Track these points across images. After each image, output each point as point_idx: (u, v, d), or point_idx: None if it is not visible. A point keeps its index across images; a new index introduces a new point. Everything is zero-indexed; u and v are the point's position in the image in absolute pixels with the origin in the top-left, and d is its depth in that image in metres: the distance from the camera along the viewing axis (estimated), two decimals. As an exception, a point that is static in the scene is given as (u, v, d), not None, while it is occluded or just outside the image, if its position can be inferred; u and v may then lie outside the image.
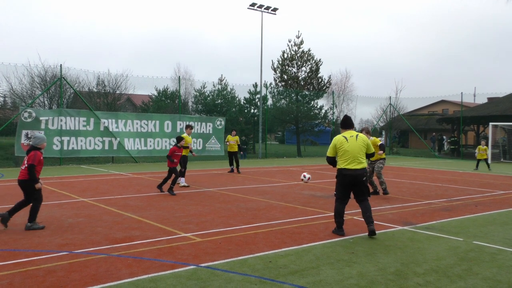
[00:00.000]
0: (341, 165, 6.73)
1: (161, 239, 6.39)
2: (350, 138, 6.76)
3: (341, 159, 6.72)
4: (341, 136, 6.84)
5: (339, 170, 6.76)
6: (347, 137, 6.77)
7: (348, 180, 6.69)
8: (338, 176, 6.83)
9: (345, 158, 6.68)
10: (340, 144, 6.75)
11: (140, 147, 21.59)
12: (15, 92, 25.92)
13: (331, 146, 6.87)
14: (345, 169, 6.66)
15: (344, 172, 6.68)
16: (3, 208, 8.79)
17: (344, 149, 6.68)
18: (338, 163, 6.78)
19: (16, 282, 4.52)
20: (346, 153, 6.67)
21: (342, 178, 6.74)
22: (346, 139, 6.75)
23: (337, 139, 6.82)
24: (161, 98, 34.18)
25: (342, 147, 6.71)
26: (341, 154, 6.73)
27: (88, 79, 27.09)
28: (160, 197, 10.41)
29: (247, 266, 5.18)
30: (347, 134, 6.83)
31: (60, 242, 6.15)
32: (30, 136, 7.23)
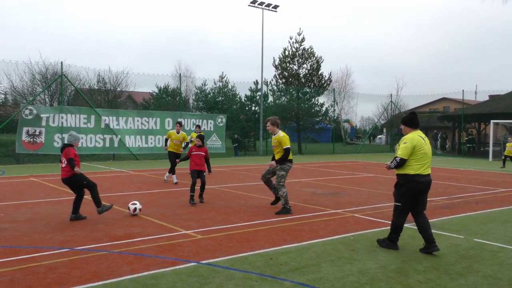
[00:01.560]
0: (416, 170, 5.67)
1: (162, 236, 6.40)
2: (426, 140, 5.87)
3: (418, 163, 5.68)
4: (416, 135, 5.81)
5: (411, 177, 5.68)
6: (423, 137, 5.85)
7: (420, 188, 5.73)
8: (409, 184, 5.72)
9: (422, 162, 5.70)
10: (420, 145, 5.71)
11: (141, 145, 21.59)
12: (16, 89, 25.93)
13: (407, 147, 5.69)
14: (420, 175, 5.67)
15: (419, 179, 5.67)
16: (5, 205, 8.81)
17: (424, 152, 5.70)
18: (411, 168, 5.69)
19: (17, 279, 4.53)
20: (425, 156, 5.71)
21: (415, 186, 5.70)
22: (424, 139, 5.82)
23: (415, 139, 5.75)
24: (162, 96, 34.15)
25: (422, 149, 5.70)
26: (419, 157, 5.68)
27: (88, 77, 27.17)
28: (160, 195, 10.42)
29: (248, 263, 5.18)
30: (420, 134, 5.90)
31: (61, 239, 6.16)
32: (70, 134, 7.57)
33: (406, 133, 5.97)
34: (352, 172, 16.79)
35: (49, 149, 18.99)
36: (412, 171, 5.69)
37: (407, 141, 5.74)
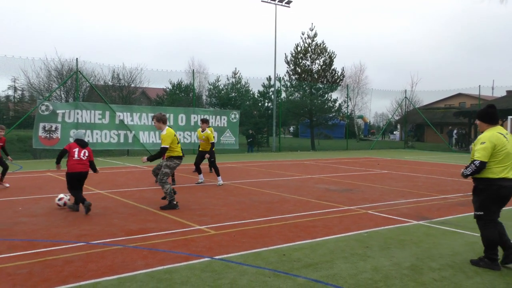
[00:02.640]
0: (498, 173, 4.91)
1: (176, 231, 6.46)
2: (509, 137, 5.07)
3: (500, 165, 4.91)
4: (496, 133, 5.01)
5: (494, 181, 4.93)
6: (504, 134, 5.06)
7: (505, 194, 4.96)
8: (490, 188, 4.97)
9: (505, 164, 4.92)
10: (501, 144, 4.93)
11: (154, 140, 21.74)
12: (33, 86, 26.37)
13: (486, 147, 4.91)
14: (505, 179, 4.91)
15: (504, 184, 4.91)
16: (23, 199, 8.97)
17: (507, 151, 4.93)
18: (491, 171, 4.94)
19: (36, 271, 4.63)
20: (507, 157, 4.93)
21: (498, 191, 4.94)
22: (505, 137, 5.03)
23: (494, 137, 4.96)
24: (176, 92, 34.35)
25: (504, 148, 4.92)
26: (500, 159, 4.91)
27: (103, 73, 27.41)
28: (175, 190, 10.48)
29: (261, 259, 5.20)
30: (501, 131, 5.08)
31: (77, 233, 6.26)
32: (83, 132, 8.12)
33: (483, 130, 5.15)
34: (365, 168, 16.69)
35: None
36: (493, 175, 4.93)
37: (485, 141, 4.94)
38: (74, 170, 7.72)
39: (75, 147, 7.83)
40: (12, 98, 36.46)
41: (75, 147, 7.83)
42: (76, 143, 7.94)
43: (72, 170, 7.72)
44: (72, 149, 7.80)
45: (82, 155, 7.81)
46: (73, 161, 7.73)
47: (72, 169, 7.72)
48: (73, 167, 7.72)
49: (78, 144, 7.90)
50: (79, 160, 7.76)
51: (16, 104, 33.33)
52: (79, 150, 7.83)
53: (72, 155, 7.75)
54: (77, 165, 7.74)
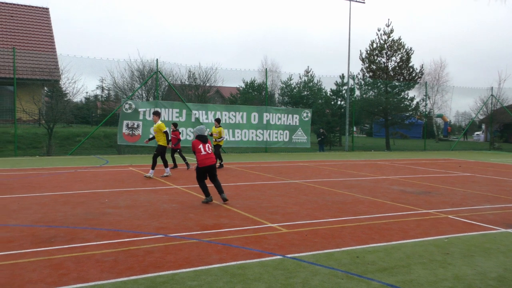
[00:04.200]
0: None
1: (248, 228, 6.57)
2: None
3: None
4: None
5: None
6: None
7: None
8: None
9: None
10: None
11: (228, 138, 22.29)
12: (118, 86, 28.22)
13: None
14: None
15: None
16: (109, 192, 9.65)
17: None
18: None
19: (120, 260, 4.95)
20: None
21: None
22: None
23: None
24: (248, 90, 34.90)
25: None
26: None
27: (180, 73, 28.56)
28: (247, 187, 10.68)
29: (333, 259, 5.13)
30: None
31: (156, 226, 6.60)
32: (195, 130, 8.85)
33: None
34: (445, 170, 15.77)
35: (145, 141, 20.36)
36: None
37: None
38: (204, 164, 8.35)
39: (199, 144, 8.41)
40: (99, 97, 39.30)
41: (199, 144, 8.41)
42: (198, 139, 8.48)
43: (202, 164, 8.35)
44: (197, 146, 8.39)
45: (207, 149, 8.45)
46: (202, 156, 8.36)
47: (203, 164, 8.35)
48: (203, 162, 8.34)
49: (200, 140, 8.45)
50: (206, 154, 8.39)
51: (103, 103, 35.87)
52: (203, 145, 8.44)
53: (199, 151, 8.36)
54: (206, 160, 8.38)
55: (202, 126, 8.86)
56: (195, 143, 8.46)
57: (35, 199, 8.56)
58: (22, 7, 31.04)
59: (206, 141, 8.57)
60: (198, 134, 8.61)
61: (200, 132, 8.64)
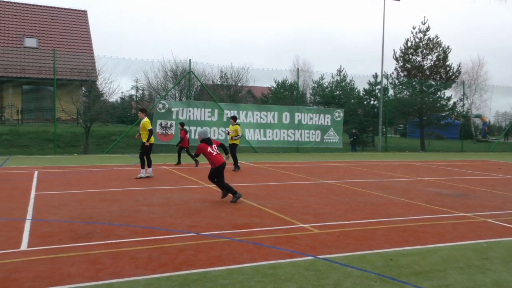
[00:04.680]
0: None
1: (280, 228, 6.56)
2: None
3: None
4: None
5: None
6: None
7: None
8: None
9: None
10: None
11: (259, 138, 22.35)
12: (151, 86, 28.82)
13: None
14: None
15: None
16: (143, 190, 9.86)
17: None
18: None
19: (154, 257, 5.06)
20: None
21: None
22: None
23: None
24: (280, 90, 34.86)
25: None
26: None
27: (212, 73, 28.89)
28: (278, 187, 10.67)
29: (366, 262, 5.05)
30: None
31: (189, 224, 6.69)
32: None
33: None
34: (484, 172, 15.24)
35: (178, 141, 20.70)
36: None
37: None
38: (220, 162, 8.49)
39: (207, 147, 8.50)
40: (134, 97, 40.22)
41: (207, 147, 8.50)
42: (205, 142, 8.56)
43: (219, 163, 8.48)
44: (206, 149, 8.47)
45: (215, 149, 8.61)
46: (216, 156, 8.50)
47: (219, 162, 8.48)
48: (219, 160, 8.49)
49: (207, 143, 8.54)
50: (218, 154, 8.57)
51: (138, 103, 36.71)
52: (211, 147, 8.55)
53: (211, 153, 8.47)
54: (221, 158, 8.57)
55: (206, 129, 8.98)
56: (203, 147, 8.51)
57: (73, 196, 8.85)
58: (62, 10, 32.18)
59: (212, 143, 8.67)
60: (203, 138, 8.64)
61: (205, 136, 8.69)
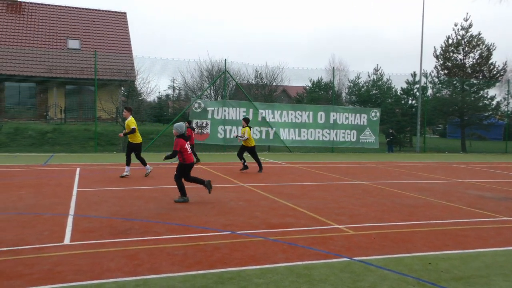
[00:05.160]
0: None
1: (314, 229, 6.51)
2: None
3: None
4: None
5: None
6: None
7: None
8: None
9: None
10: None
11: (294, 137, 22.28)
12: (188, 85, 29.31)
13: None
14: None
15: None
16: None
17: None
18: None
19: (189, 254, 5.13)
20: None
21: None
22: None
23: None
24: (315, 89, 34.60)
25: None
26: None
27: (247, 72, 29.07)
28: (313, 187, 10.59)
29: (403, 265, 4.93)
30: None
31: (224, 222, 6.75)
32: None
33: None
34: (530, 175, 14.55)
35: (213, 140, 20.99)
36: None
37: None
38: (190, 161, 8.48)
39: (185, 143, 8.42)
40: (171, 97, 40.98)
41: (185, 143, 8.42)
42: (183, 138, 8.42)
43: (189, 161, 8.46)
44: (184, 145, 8.38)
45: (189, 147, 8.57)
46: (189, 154, 8.47)
47: (189, 160, 8.46)
48: (190, 159, 8.46)
49: (184, 139, 8.43)
50: (190, 152, 8.57)
51: (174, 102, 37.40)
52: (187, 143, 8.50)
53: (187, 150, 8.43)
54: (191, 156, 8.56)
55: (182, 123, 8.68)
56: (182, 142, 8.36)
57: (112, 193, 9.12)
58: (102, 12, 33.22)
59: (188, 139, 8.58)
60: (181, 133, 8.47)
61: (182, 131, 8.50)
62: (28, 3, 31.38)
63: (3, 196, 8.47)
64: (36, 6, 31.45)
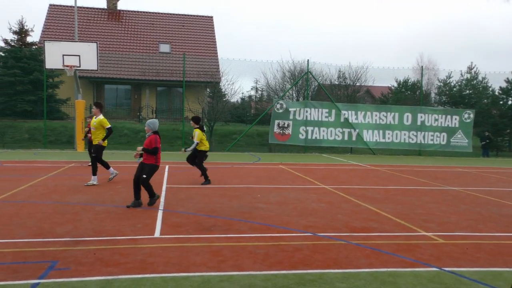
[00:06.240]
0: None
1: (400, 235, 6.24)
2: None
3: None
4: None
5: None
6: None
7: None
8: None
9: None
10: None
11: (378, 139, 21.54)
12: (270, 86, 29.68)
13: None
14: None
15: None
16: (260, 187, 10.19)
17: None
18: None
19: (271, 254, 5.20)
20: None
21: None
22: None
23: None
24: (401, 90, 33.11)
25: None
26: None
27: (330, 72, 28.66)
28: (398, 192, 10.16)
29: (502, 279, 4.54)
30: None
31: (305, 224, 6.73)
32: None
33: None
34: None
35: (295, 140, 21.02)
36: None
37: None
38: (160, 161, 7.65)
39: (159, 140, 7.59)
40: (253, 98, 41.81)
41: (159, 140, 7.59)
42: (158, 135, 7.64)
43: (159, 162, 7.63)
44: (159, 143, 7.57)
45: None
46: (159, 153, 7.59)
47: (159, 161, 7.63)
48: (160, 159, 7.63)
49: (159, 136, 7.63)
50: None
51: (257, 103, 38.09)
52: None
53: (159, 148, 7.55)
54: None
55: (155, 120, 7.70)
56: (158, 139, 7.47)
57: (198, 190, 9.52)
58: (191, 17, 34.85)
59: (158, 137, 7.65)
60: (154, 130, 7.58)
61: (155, 127, 7.60)
62: (125, 11, 33.93)
63: (102, 190, 9.25)
64: (132, 13, 33.91)
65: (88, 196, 8.45)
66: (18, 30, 26.23)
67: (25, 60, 24.28)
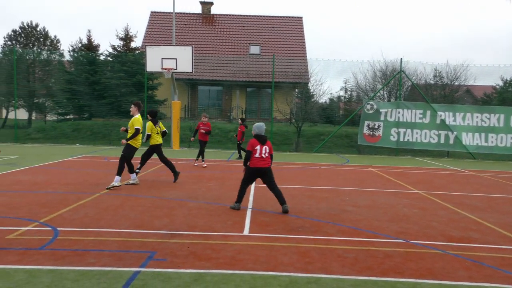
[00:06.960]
0: None
1: (505, 248, 5.71)
2: None
3: None
4: None
5: None
6: None
7: None
8: None
9: None
10: None
11: (479, 143, 19.89)
12: (360, 86, 28.91)
13: None
14: None
15: None
16: (349, 190, 9.98)
17: None
18: None
19: (360, 258, 5.06)
20: None
21: None
22: None
23: None
24: (507, 89, 30.23)
25: None
26: None
27: (425, 72, 27.12)
28: (503, 200, 9.30)
29: None
30: None
31: (396, 230, 6.45)
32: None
33: None
34: None
35: (385, 142, 20.23)
36: None
37: None
38: (255, 165, 7.44)
39: (257, 144, 7.42)
40: (342, 98, 41.01)
41: (257, 144, 7.42)
42: (257, 139, 7.47)
43: (253, 165, 7.45)
44: (255, 146, 7.42)
45: (263, 152, 7.42)
46: (255, 158, 7.42)
47: (253, 165, 7.45)
48: (255, 163, 7.43)
49: (258, 141, 7.46)
50: (260, 158, 7.41)
51: (345, 104, 37.29)
52: (261, 147, 7.41)
53: (255, 152, 7.40)
54: (259, 162, 7.43)
55: (262, 124, 7.55)
56: (254, 142, 7.39)
57: (285, 191, 9.54)
58: (280, 18, 35.21)
59: (265, 143, 7.43)
60: (257, 133, 7.49)
61: (259, 131, 7.49)
62: (218, 14, 35.31)
63: (195, 187, 9.73)
64: (224, 17, 35.18)
65: (183, 193, 8.94)
66: (124, 37, 28.59)
67: (129, 64, 26.41)
